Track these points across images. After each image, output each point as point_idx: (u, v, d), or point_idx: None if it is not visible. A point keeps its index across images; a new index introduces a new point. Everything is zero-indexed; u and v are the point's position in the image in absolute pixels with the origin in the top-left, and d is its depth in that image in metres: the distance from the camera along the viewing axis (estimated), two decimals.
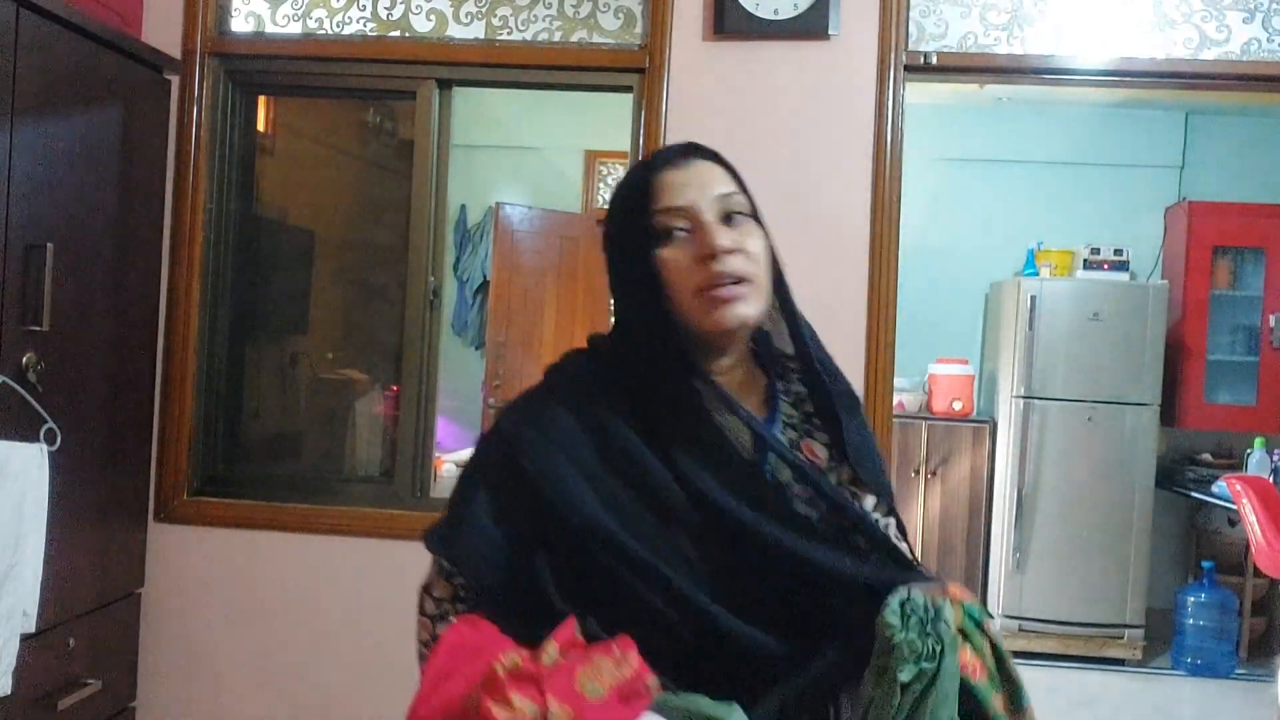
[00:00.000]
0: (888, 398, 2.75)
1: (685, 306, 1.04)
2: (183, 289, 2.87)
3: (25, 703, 2.23)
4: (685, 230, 1.05)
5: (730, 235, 1.05)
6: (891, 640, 0.89)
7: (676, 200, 1.05)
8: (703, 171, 1.08)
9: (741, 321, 1.05)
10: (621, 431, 1.02)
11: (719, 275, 1.03)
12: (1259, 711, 4.23)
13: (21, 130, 2.17)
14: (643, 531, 0.98)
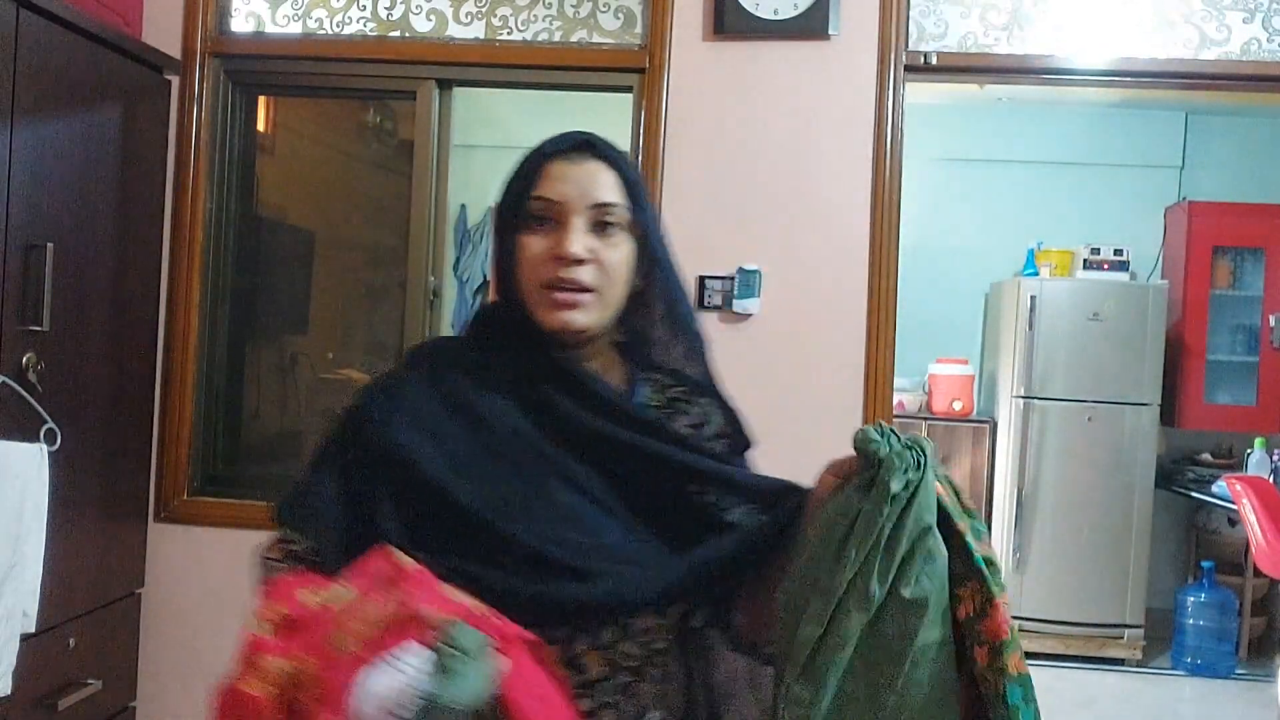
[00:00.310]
0: (888, 398, 2.75)
1: (527, 295, 1.07)
2: (183, 289, 2.87)
3: (25, 703, 2.23)
4: (552, 223, 1.06)
5: (588, 243, 1.05)
6: (878, 454, 0.94)
7: (551, 192, 1.06)
8: (590, 172, 1.07)
9: (568, 327, 1.06)
10: (472, 390, 1.05)
11: (562, 279, 1.04)
12: (1259, 711, 4.23)
13: (21, 130, 2.17)
14: (493, 482, 1.00)
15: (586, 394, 1.07)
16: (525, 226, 1.07)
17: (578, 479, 1.03)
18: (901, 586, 0.91)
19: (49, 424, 2.21)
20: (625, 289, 1.10)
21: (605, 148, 1.10)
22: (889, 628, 0.91)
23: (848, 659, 0.91)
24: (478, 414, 1.04)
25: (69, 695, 2.39)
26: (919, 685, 0.91)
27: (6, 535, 2.05)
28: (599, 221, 1.07)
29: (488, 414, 1.04)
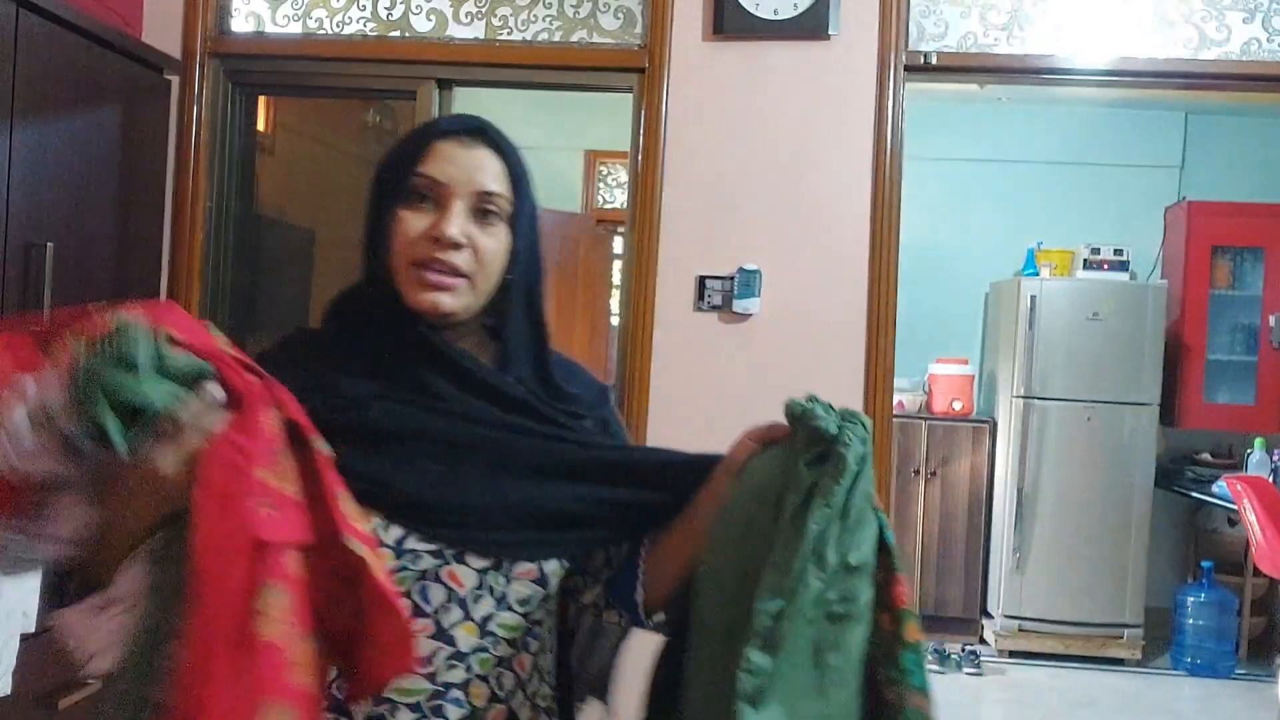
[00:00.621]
0: (888, 398, 2.75)
1: (397, 271, 1.05)
2: (183, 288, 2.87)
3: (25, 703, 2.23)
4: (432, 203, 1.05)
5: (466, 229, 1.05)
6: (828, 431, 0.99)
7: (437, 172, 1.05)
8: (479, 158, 1.06)
9: (435, 309, 1.05)
10: (335, 375, 1.04)
11: (435, 260, 1.04)
12: (1259, 711, 4.23)
13: (21, 130, 2.17)
14: (356, 458, 0.98)
15: (459, 371, 1.06)
16: (404, 202, 1.05)
17: (450, 454, 1.02)
18: (849, 554, 0.96)
19: None
20: (498, 279, 1.09)
21: (497, 136, 1.09)
22: (833, 592, 0.95)
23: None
24: (342, 396, 1.02)
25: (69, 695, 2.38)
26: (860, 643, 0.96)
27: None
28: (480, 209, 1.06)
29: (351, 394, 1.03)
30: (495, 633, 1.03)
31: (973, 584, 4.95)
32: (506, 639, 1.04)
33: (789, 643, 0.93)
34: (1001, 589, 4.82)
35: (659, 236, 2.79)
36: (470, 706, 1.01)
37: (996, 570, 4.89)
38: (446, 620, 1.01)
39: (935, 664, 4.52)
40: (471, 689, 1.01)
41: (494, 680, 1.03)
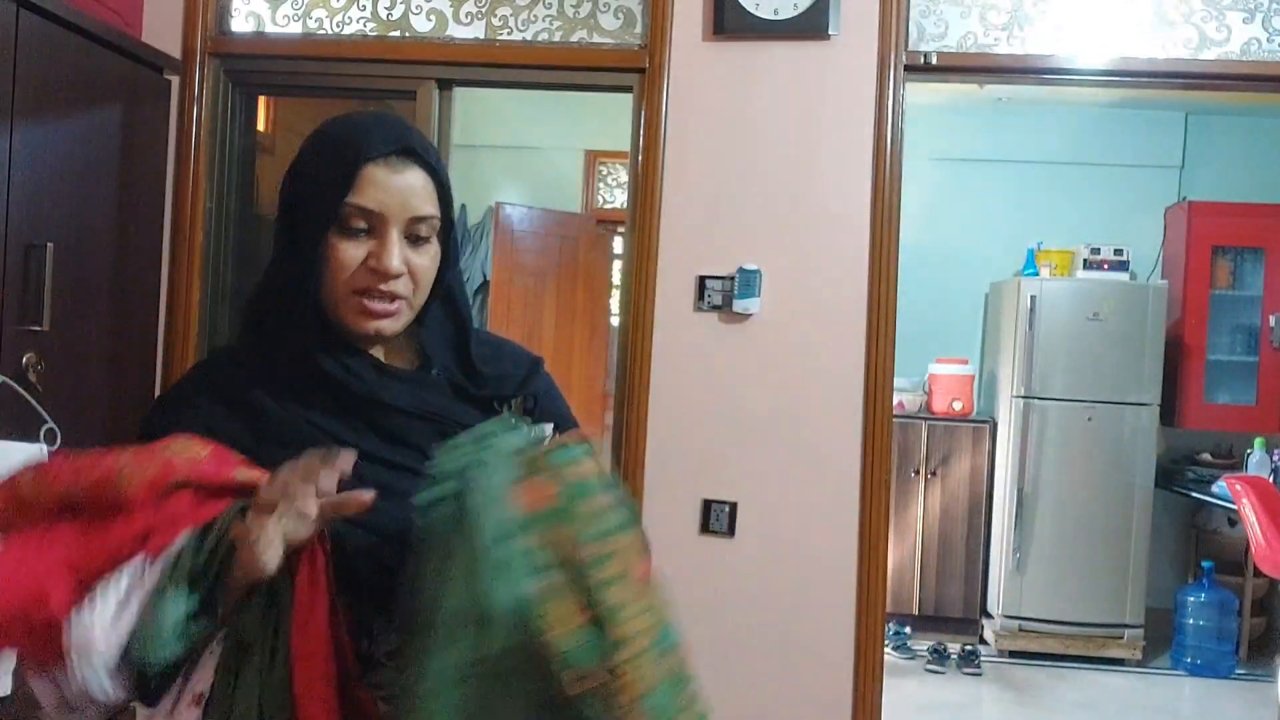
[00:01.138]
0: (888, 398, 2.75)
1: (337, 299, 1.05)
2: (183, 289, 2.87)
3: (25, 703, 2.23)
4: (366, 230, 1.04)
5: (404, 256, 1.04)
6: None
7: (371, 202, 1.02)
8: (410, 183, 1.04)
9: (380, 334, 1.06)
10: (265, 401, 1.04)
11: (375, 290, 1.04)
12: (1259, 711, 4.23)
13: (21, 130, 2.17)
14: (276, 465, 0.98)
15: (376, 368, 1.07)
16: (338, 231, 1.03)
17: (380, 454, 1.03)
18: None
19: (49, 424, 2.21)
20: (429, 286, 1.09)
21: (424, 150, 1.06)
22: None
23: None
24: (257, 407, 1.03)
25: None
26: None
27: None
28: (413, 233, 1.05)
29: (266, 405, 1.03)
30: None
31: (973, 584, 4.95)
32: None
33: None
34: (1001, 589, 4.81)
35: (659, 236, 2.79)
36: None
37: (996, 570, 4.89)
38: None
39: (935, 664, 4.52)
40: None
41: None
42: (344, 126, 1.07)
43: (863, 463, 2.74)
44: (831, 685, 2.75)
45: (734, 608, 2.78)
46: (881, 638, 2.78)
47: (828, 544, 2.75)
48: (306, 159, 1.07)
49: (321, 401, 1.05)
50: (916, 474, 4.97)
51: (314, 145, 1.07)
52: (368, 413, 1.05)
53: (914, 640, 4.72)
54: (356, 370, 1.06)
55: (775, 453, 2.75)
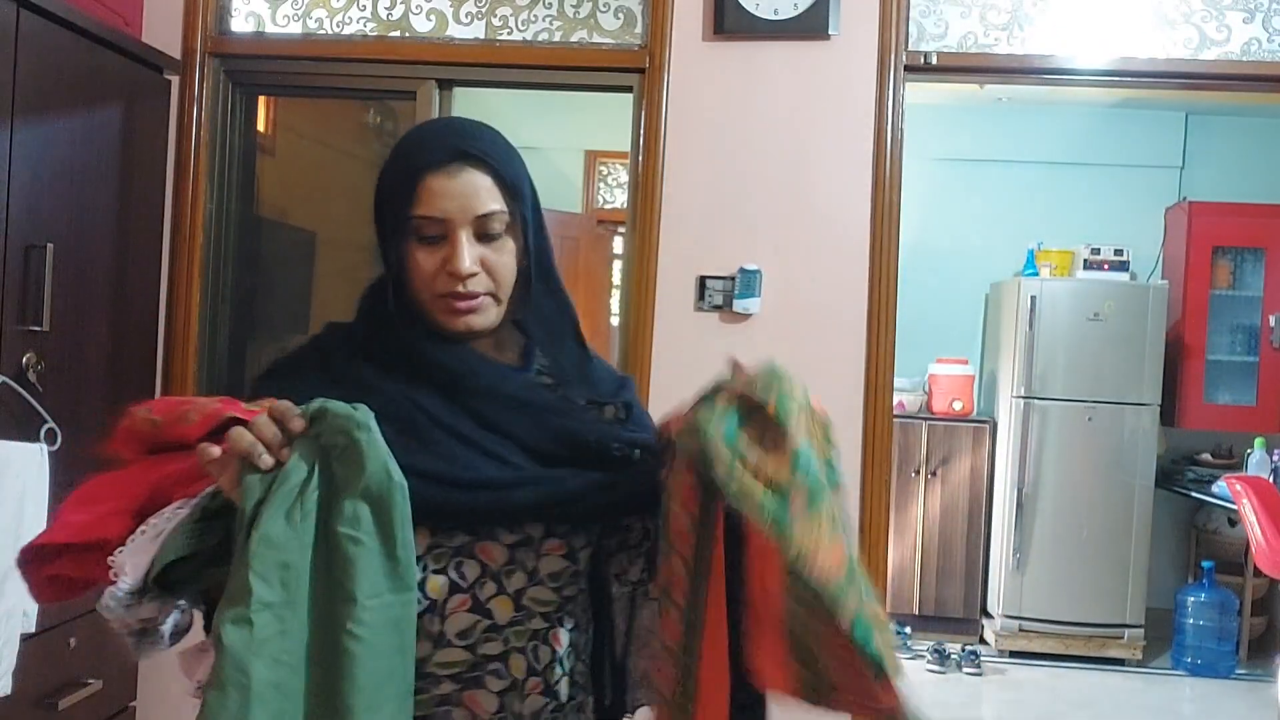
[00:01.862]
0: (888, 398, 2.75)
1: (426, 303, 1.11)
2: (183, 289, 2.87)
3: (25, 703, 2.23)
4: (439, 237, 1.09)
5: (477, 254, 1.09)
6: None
7: (434, 210, 1.08)
8: (470, 183, 1.08)
9: (470, 329, 1.11)
10: (371, 379, 1.08)
11: (455, 292, 1.09)
12: (1259, 711, 4.23)
13: (21, 130, 2.17)
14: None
15: (481, 360, 1.12)
16: (412, 241, 1.09)
17: (474, 438, 1.06)
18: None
19: (49, 424, 2.21)
20: (514, 280, 1.13)
21: (481, 150, 1.10)
22: None
23: None
24: (368, 387, 1.06)
25: (69, 695, 2.39)
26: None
27: (7, 534, 2.05)
28: (483, 231, 1.09)
29: (375, 384, 1.07)
30: (529, 607, 1.07)
31: (973, 584, 4.95)
32: (541, 613, 1.08)
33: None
34: (1001, 589, 4.81)
35: (659, 236, 2.79)
36: (510, 678, 1.06)
37: (996, 570, 4.89)
38: (482, 594, 1.05)
39: (935, 664, 4.52)
40: (510, 661, 1.06)
41: (530, 653, 1.07)
42: (405, 142, 1.13)
43: (863, 463, 2.74)
44: None
45: None
46: None
47: None
48: (380, 176, 1.13)
49: (425, 385, 1.09)
50: (916, 474, 4.97)
51: (388, 160, 1.13)
52: (467, 399, 1.09)
53: (914, 640, 4.72)
54: (463, 358, 1.11)
55: None
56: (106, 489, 1.04)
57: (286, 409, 0.94)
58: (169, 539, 0.95)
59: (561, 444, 1.09)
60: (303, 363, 1.13)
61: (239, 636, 0.87)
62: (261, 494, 0.91)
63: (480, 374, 1.10)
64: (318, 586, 0.91)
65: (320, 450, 0.93)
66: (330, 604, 0.90)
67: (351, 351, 1.12)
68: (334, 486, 0.92)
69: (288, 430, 0.93)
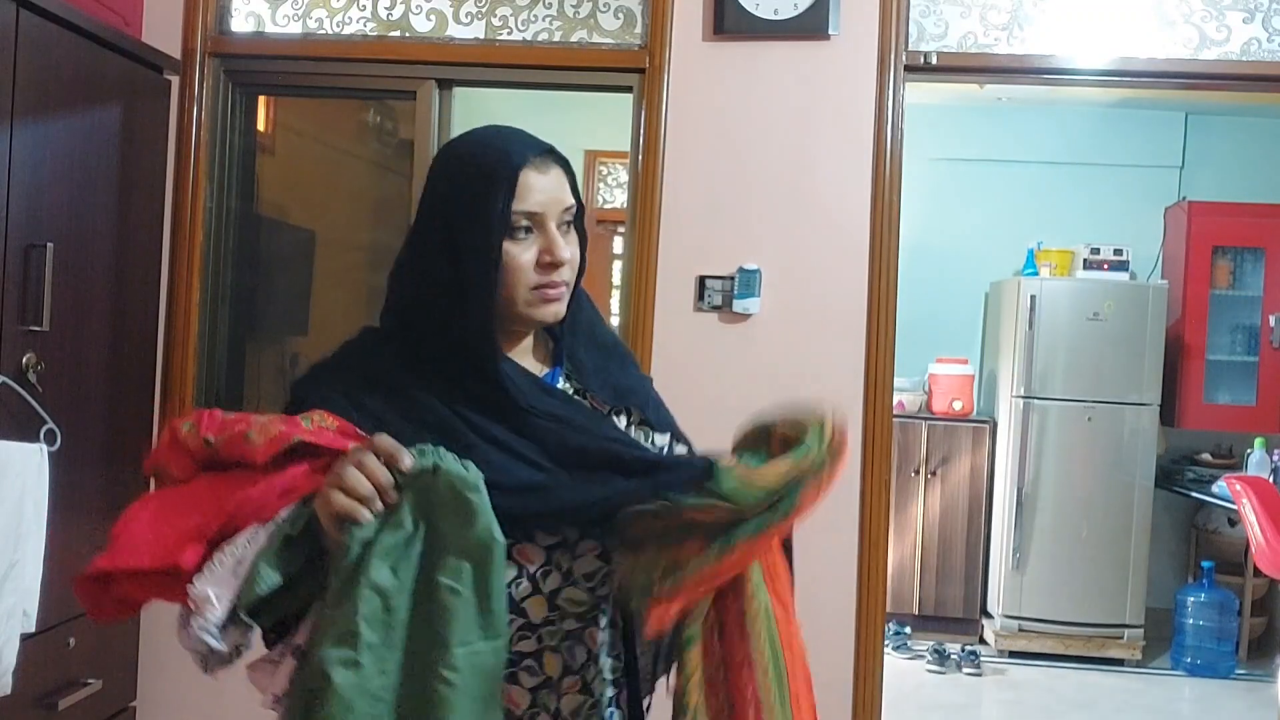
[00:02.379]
0: (888, 398, 2.75)
1: (519, 297, 1.13)
2: (183, 289, 2.87)
3: (25, 703, 2.23)
4: (531, 230, 1.12)
5: (567, 247, 1.14)
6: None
7: (533, 205, 1.11)
8: (558, 179, 1.14)
9: (556, 317, 1.16)
10: (410, 386, 1.11)
11: (553, 281, 1.13)
12: (1259, 711, 4.23)
13: (21, 130, 2.17)
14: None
15: (524, 375, 1.15)
16: (507, 234, 1.11)
17: (510, 445, 1.09)
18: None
19: (49, 424, 2.21)
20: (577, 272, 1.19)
21: (559, 154, 1.16)
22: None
23: None
24: (407, 394, 1.10)
25: (69, 695, 2.39)
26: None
27: (7, 535, 2.05)
28: (564, 223, 1.15)
29: (414, 391, 1.10)
30: (563, 607, 1.11)
31: (973, 584, 4.95)
32: (575, 613, 1.12)
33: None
34: (1001, 589, 4.82)
35: (659, 236, 2.79)
36: (545, 675, 1.12)
37: (996, 570, 4.89)
38: (517, 594, 1.08)
39: (935, 664, 4.52)
40: (545, 659, 1.11)
41: (566, 652, 1.12)
42: (491, 140, 1.14)
43: (863, 463, 2.74)
44: (831, 685, 2.75)
45: None
46: (881, 638, 2.78)
47: (828, 544, 2.75)
48: (457, 175, 1.13)
49: (464, 393, 1.11)
50: (916, 474, 4.97)
51: (461, 162, 1.14)
52: (504, 409, 1.11)
53: (914, 640, 4.72)
54: (512, 376, 1.13)
55: None
56: (170, 509, 1.04)
57: (395, 450, 0.96)
58: (255, 569, 0.96)
59: (580, 457, 1.11)
60: (341, 365, 1.16)
61: (348, 678, 0.92)
62: (369, 536, 0.95)
63: (525, 393, 1.13)
64: (414, 630, 0.95)
65: (428, 504, 0.96)
66: (426, 648, 0.95)
67: (392, 356, 1.14)
68: (439, 539, 0.96)
69: (396, 471, 0.96)
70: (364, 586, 0.93)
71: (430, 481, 0.96)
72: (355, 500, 0.94)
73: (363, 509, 0.94)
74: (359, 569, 0.94)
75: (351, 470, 0.95)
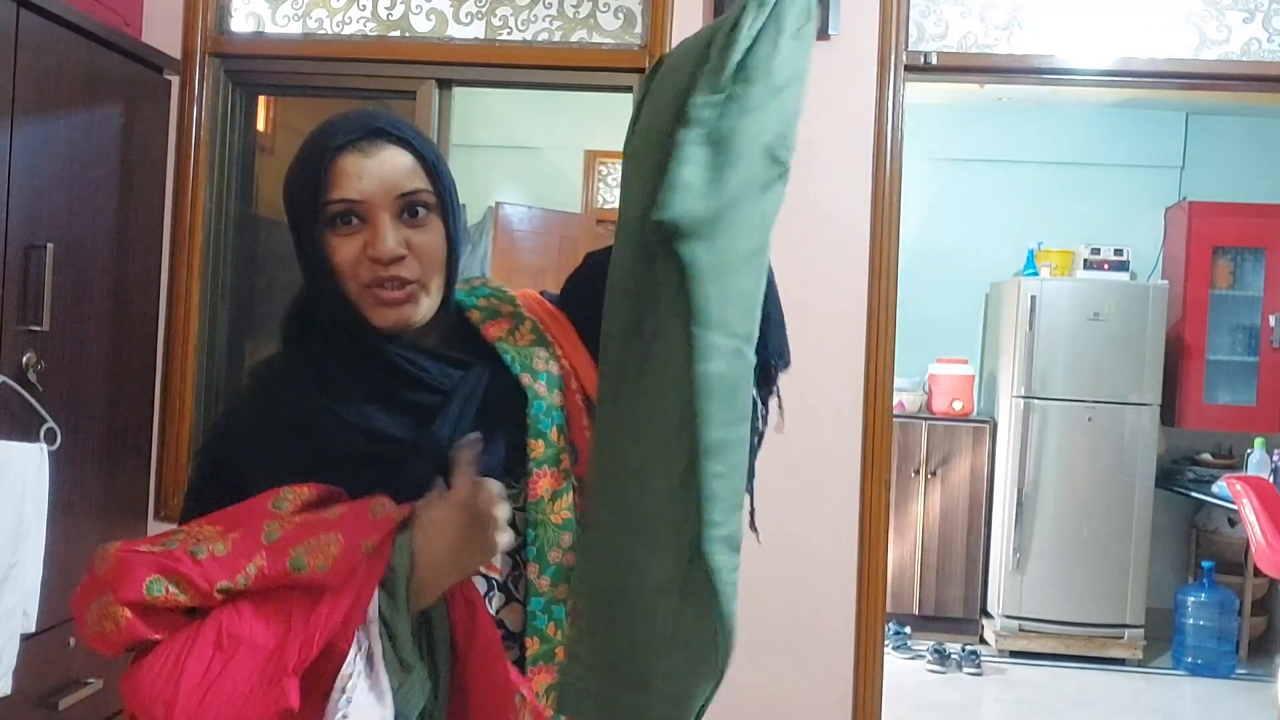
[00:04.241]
0: (888, 398, 2.75)
1: (354, 295, 1.03)
2: (183, 289, 2.87)
3: (25, 703, 2.23)
4: (358, 220, 1.01)
5: (401, 236, 1.01)
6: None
7: (351, 192, 0.99)
8: (388, 160, 1.00)
9: (404, 323, 1.03)
10: (310, 400, 1.04)
11: (382, 279, 1.01)
12: (1259, 711, 4.23)
13: (21, 130, 2.17)
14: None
15: (423, 351, 1.06)
16: (329, 228, 1.01)
17: (401, 436, 1.03)
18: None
19: (49, 424, 2.21)
20: (446, 268, 1.05)
21: (395, 127, 1.02)
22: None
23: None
24: (311, 419, 1.03)
25: (69, 695, 2.38)
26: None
27: (7, 535, 2.05)
28: (407, 210, 1.02)
29: (319, 413, 1.03)
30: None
31: (973, 584, 4.95)
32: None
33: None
34: (1001, 589, 4.82)
35: None
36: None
37: (996, 570, 4.89)
38: (493, 607, 1.03)
39: (935, 664, 4.52)
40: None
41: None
42: (315, 129, 1.04)
43: (863, 463, 2.73)
44: (831, 685, 2.75)
45: None
46: (881, 638, 2.78)
47: (828, 544, 2.75)
48: (289, 167, 1.05)
49: (373, 392, 1.04)
50: (916, 474, 4.97)
51: (293, 160, 1.05)
52: (412, 396, 1.04)
53: (914, 640, 4.72)
54: (412, 358, 1.04)
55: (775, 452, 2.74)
56: (218, 666, 0.89)
57: (492, 500, 0.95)
58: (400, 696, 0.92)
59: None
60: (256, 420, 1.07)
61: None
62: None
63: (437, 371, 1.04)
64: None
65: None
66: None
67: (290, 385, 1.07)
68: None
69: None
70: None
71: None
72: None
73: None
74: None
75: (499, 507, 0.95)
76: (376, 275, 1.00)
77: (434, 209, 1.03)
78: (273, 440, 1.04)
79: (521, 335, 1.10)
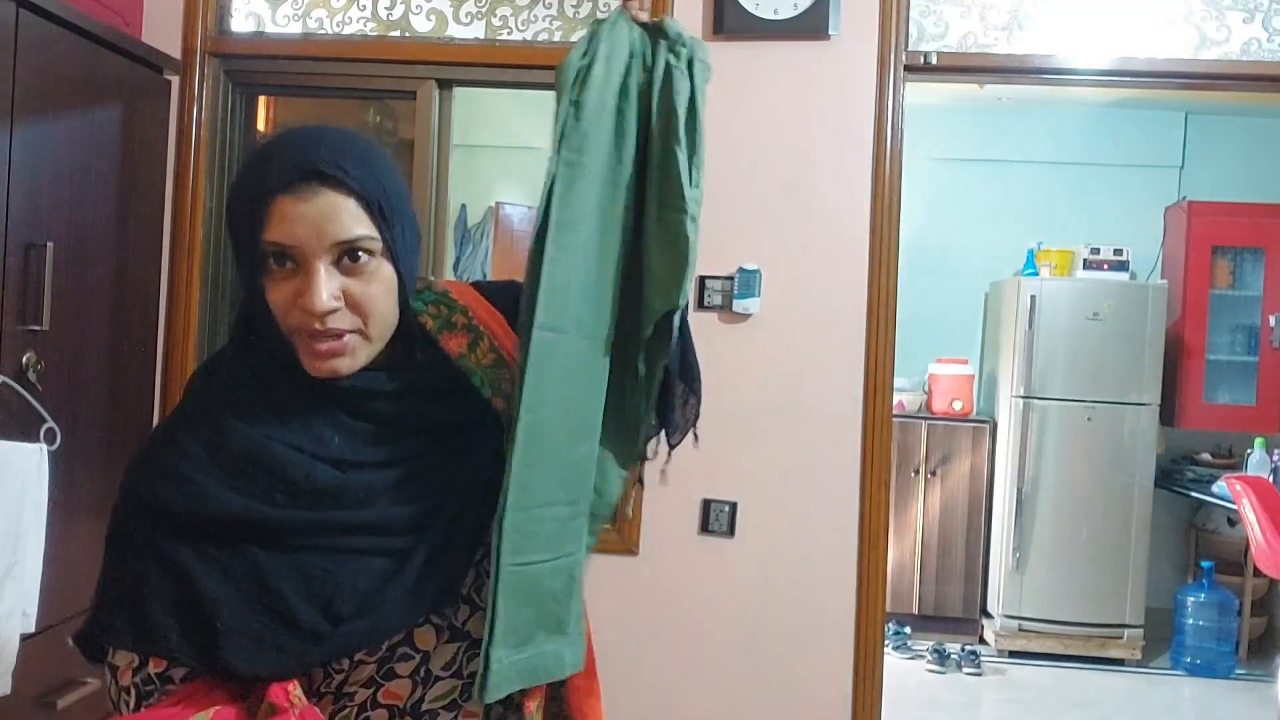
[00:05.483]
0: (888, 398, 2.75)
1: (289, 337, 0.97)
2: (183, 288, 2.87)
3: (25, 703, 2.23)
4: (293, 264, 0.94)
5: (337, 286, 0.94)
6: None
7: (284, 236, 0.92)
8: (324, 208, 0.93)
9: (334, 374, 0.97)
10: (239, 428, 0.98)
11: (314, 330, 0.95)
12: (1259, 711, 4.23)
13: (21, 130, 2.17)
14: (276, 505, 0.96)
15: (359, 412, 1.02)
16: (265, 271, 0.94)
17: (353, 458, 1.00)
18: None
19: (49, 424, 2.21)
20: (393, 313, 0.99)
21: (338, 168, 0.93)
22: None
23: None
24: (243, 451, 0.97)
25: (69, 695, 2.38)
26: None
27: (6, 535, 2.05)
28: (346, 256, 0.94)
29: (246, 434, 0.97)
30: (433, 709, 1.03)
31: (972, 584, 4.95)
32: (444, 705, 1.03)
33: None
34: (1001, 589, 4.81)
35: None
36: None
37: (996, 570, 4.89)
38: (427, 684, 1.03)
39: (935, 664, 4.52)
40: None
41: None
42: (252, 158, 0.97)
43: (863, 463, 2.74)
44: (831, 685, 2.75)
45: (733, 608, 2.78)
46: (881, 638, 2.78)
47: (828, 544, 2.75)
48: (229, 191, 1.00)
49: (322, 410, 1.00)
50: (916, 474, 4.97)
51: (235, 179, 1.00)
52: (361, 413, 1.00)
53: (914, 640, 4.72)
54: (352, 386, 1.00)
55: (775, 453, 2.75)
56: None
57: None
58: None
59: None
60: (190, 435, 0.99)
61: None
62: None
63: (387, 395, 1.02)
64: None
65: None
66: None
67: (225, 400, 1.00)
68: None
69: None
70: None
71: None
72: None
73: None
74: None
75: None
76: (308, 325, 0.95)
77: (379, 253, 0.96)
78: (188, 461, 0.97)
79: (483, 354, 1.10)
